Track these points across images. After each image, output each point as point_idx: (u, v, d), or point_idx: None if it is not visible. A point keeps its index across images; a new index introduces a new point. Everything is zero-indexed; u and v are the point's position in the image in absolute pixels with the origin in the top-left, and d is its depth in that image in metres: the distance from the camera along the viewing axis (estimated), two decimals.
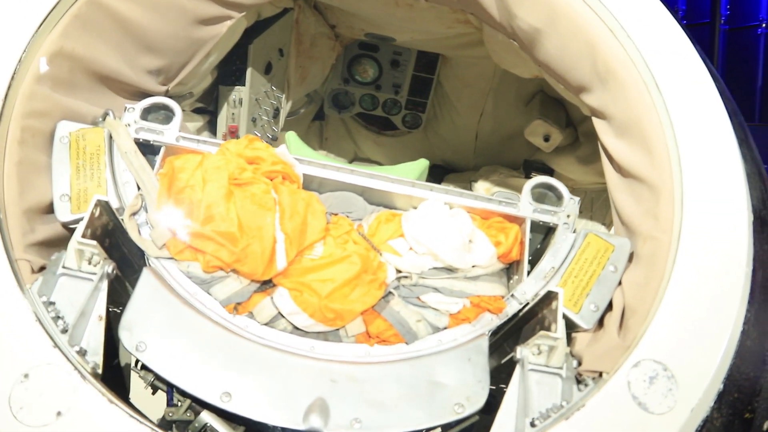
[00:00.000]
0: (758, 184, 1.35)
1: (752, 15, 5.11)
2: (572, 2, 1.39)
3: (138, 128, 1.32)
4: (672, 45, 1.34)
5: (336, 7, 2.28)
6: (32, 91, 1.18)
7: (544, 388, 1.11)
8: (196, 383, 1.05)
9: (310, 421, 1.03)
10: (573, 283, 1.24)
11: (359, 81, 2.92)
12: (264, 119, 2.31)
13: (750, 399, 1.15)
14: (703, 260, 1.14)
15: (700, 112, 1.28)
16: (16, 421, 0.90)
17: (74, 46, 1.28)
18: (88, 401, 0.93)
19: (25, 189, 1.13)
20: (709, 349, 1.08)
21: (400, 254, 1.24)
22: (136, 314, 1.10)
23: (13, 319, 0.97)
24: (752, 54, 5.05)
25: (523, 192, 1.38)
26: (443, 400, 1.09)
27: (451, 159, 3.14)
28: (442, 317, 1.20)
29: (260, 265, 1.14)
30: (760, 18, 5.05)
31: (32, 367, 0.94)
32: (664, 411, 1.02)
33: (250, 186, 1.22)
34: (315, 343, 1.15)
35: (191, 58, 1.63)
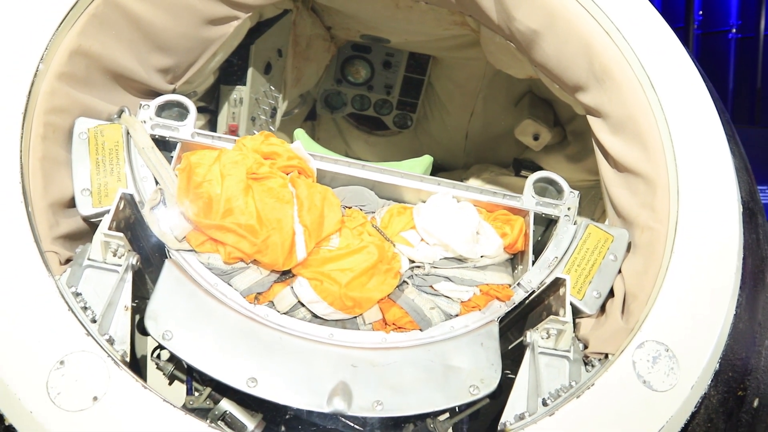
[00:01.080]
0: (745, 177, 1.43)
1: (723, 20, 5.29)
2: (569, 5, 1.46)
3: (153, 125, 1.35)
4: (665, 46, 1.42)
5: (333, 9, 2.33)
6: (53, 88, 1.21)
7: (552, 370, 1.17)
8: (222, 370, 1.08)
9: (334, 404, 1.07)
10: (576, 271, 1.30)
11: (351, 82, 2.97)
12: (263, 118, 2.34)
13: (743, 377, 1.22)
14: (699, 248, 1.21)
15: (693, 110, 1.36)
16: (54, 406, 0.93)
17: (91, 44, 1.31)
18: (123, 387, 0.96)
19: (49, 184, 1.15)
20: (707, 330, 1.15)
21: (412, 245, 1.29)
22: (160, 304, 1.13)
23: (46, 308, 0.99)
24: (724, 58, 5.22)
25: (525, 186, 1.44)
26: (459, 383, 1.14)
27: (441, 158, 3.19)
28: (454, 305, 1.26)
29: (281, 255, 1.18)
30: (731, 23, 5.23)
31: (67, 354, 0.96)
32: (667, 388, 1.08)
33: (268, 180, 1.26)
34: (334, 330, 1.20)
35: (199, 57, 1.66)
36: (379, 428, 1.24)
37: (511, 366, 1.23)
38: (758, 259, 1.34)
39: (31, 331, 0.97)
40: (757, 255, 1.34)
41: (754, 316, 1.28)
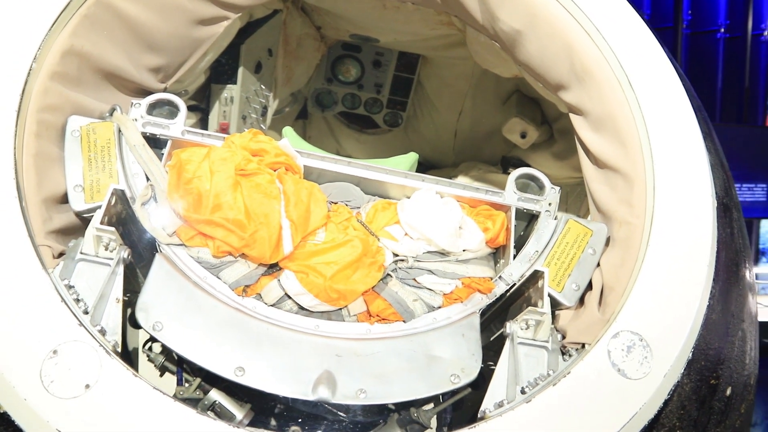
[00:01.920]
0: (720, 173, 1.48)
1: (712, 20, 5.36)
2: (551, 6, 1.50)
3: (144, 123, 1.38)
4: (643, 46, 1.46)
5: (323, 9, 2.36)
6: (46, 87, 1.24)
7: (531, 360, 1.22)
8: (211, 359, 1.12)
9: (318, 393, 1.11)
10: (556, 264, 1.34)
11: (342, 80, 3.01)
12: (253, 117, 2.38)
13: (715, 366, 1.27)
14: (673, 242, 1.26)
15: (669, 108, 1.40)
16: (47, 394, 0.97)
17: (83, 44, 1.34)
18: (114, 375, 0.99)
19: (42, 180, 1.19)
20: (680, 321, 1.19)
21: (396, 239, 1.33)
22: (151, 296, 1.17)
23: (40, 300, 1.02)
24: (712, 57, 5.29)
25: (507, 182, 1.48)
26: (440, 372, 1.18)
27: (430, 156, 3.24)
28: (436, 297, 1.30)
29: (268, 249, 1.22)
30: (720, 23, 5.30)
31: (60, 344, 1.00)
32: (641, 377, 1.13)
33: (256, 176, 1.29)
34: (320, 322, 1.24)
35: (189, 56, 1.69)
36: (365, 417, 1.28)
37: (494, 357, 1.27)
38: (732, 253, 1.39)
39: (25, 321, 1.01)
40: (731, 248, 1.38)
41: (727, 307, 1.32)
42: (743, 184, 5.41)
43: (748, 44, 5.25)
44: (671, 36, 5.19)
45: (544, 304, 1.22)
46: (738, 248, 1.42)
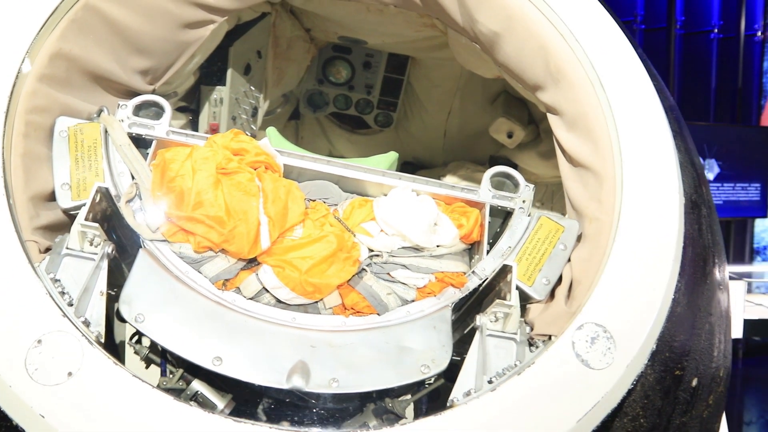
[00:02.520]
0: (691, 171, 1.52)
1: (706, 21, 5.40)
2: (527, 9, 1.54)
3: (131, 123, 1.43)
4: (614, 49, 1.50)
5: (311, 12, 2.41)
6: (34, 89, 1.29)
7: (500, 352, 1.26)
8: (190, 349, 1.17)
9: (292, 381, 1.16)
10: (527, 260, 1.39)
11: (333, 82, 3.06)
12: (243, 118, 2.43)
13: (680, 358, 1.31)
14: (639, 237, 1.30)
15: (639, 108, 1.44)
16: (32, 381, 1.01)
17: (71, 47, 1.39)
18: (95, 363, 1.04)
19: (30, 178, 1.24)
20: (643, 314, 1.23)
21: (372, 235, 1.37)
22: (134, 289, 1.22)
23: (26, 292, 1.08)
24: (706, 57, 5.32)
25: (482, 180, 1.52)
26: (411, 363, 1.23)
27: (421, 156, 3.29)
28: (410, 291, 1.34)
29: (246, 244, 1.27)
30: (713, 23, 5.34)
31: (44, 334, 1.05)
32: (603, 367, 1.17)
33: (236, 175, 1.34)
34: (296, 314, 1.28)
35: (177, 59, 1.74)
36: (341, 408, 1.33)
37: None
38: (700, 248, 1.43)
39: (11, 312, 1.06)
40: (699, 244, 1.43)
41: (693, 301, 1.37)
42: (737, 183, 5.45)
43: (741, 44, 5.30)
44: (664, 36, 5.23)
45: (512, 297, 1.26)
46: (706, 244, 1.46)
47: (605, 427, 1.16)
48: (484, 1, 1.58)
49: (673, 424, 1.30)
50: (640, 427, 1.22)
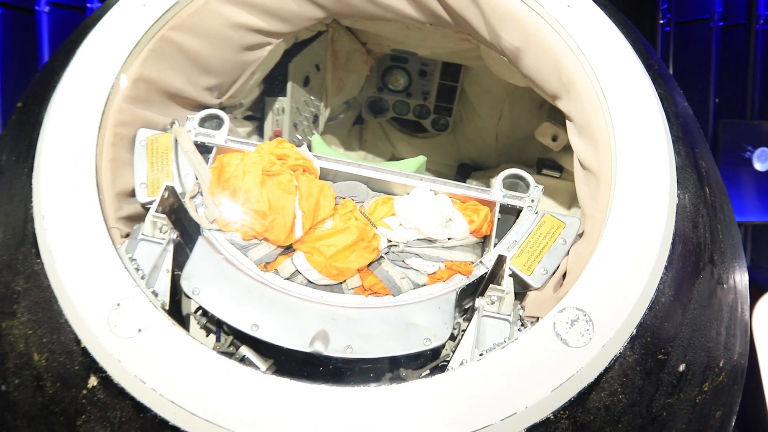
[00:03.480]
0: (692, 174, 1.63)
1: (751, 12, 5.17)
2: (542, 27, 1.71)
3: (196, 133, 1.73)
4: (617, 61, 1.64)
5: (363, 29, 2.66)
6: (120, 107, 1.61)
7: (495, 330, 1.45)
8: (233, 317, 1.44)
9: (314, 346, 1.40)
10: (528, 252, 1.57)
11: (392, 89, 3.29)
12: (305, 124, 2.71)
13: (664, 344, 1.44)
14: (625, 232, 1.44)
15: (636, 115, 1.58)
16: (112, 334, 1.31)
17: (150, 72, 1.70)
18: (158, 323, 1.33)
19: (115, 179, 1.55)
20: (623, 302, 1.38)
21: (391, 228, 1.60)
22: (192, 268, 1.51)
23: (109, 267, 1.38)
24: None
25: (495, 181, 1.71)
26: (415, 336, 1.44)
27: (476, 158, 3.46)
28: (421, 276, 1.56)
29: (283, 234, 1.53)
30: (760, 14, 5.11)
31: (122, 299, 1.35)
32: (580, 346, 1.33)
33: (278, 176, 1.61)
34: (324, 293, 1.53)
35: (239, 76, 2.04)
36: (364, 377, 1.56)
37: None
38: (692, 245, 1.54)
39: (98, 282, 1.36)
40: (692, 242, 1.54)
41: (682, 293, 1.49)
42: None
43: None
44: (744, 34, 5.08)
45: (504, 283, 1.45)
46: (701, 242, 1.57)
47: (582, 398, 1.32)
48: (506, 20, 1.76)
49: (657, 403, 1.43)
50: (618, 401, 1.37)
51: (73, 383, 1.36)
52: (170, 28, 1.73)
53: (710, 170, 1.76)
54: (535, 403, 1.27)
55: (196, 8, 1.76)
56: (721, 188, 1.82)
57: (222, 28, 1.84)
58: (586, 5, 1.72)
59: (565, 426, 1.31)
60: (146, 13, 1.68)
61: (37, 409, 1.43)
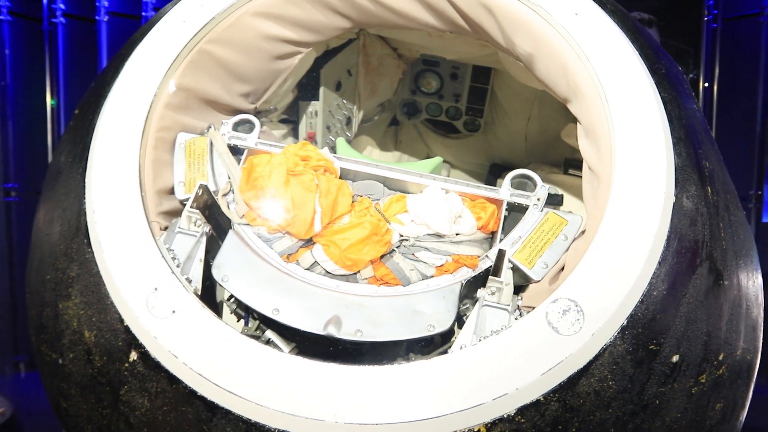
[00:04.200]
0: (693, 175, 1.69)
1: None
2: (550, 34, 1.81)
3: (230, 136, 1.91)
4: (619, 65, 1.73)
5: None
6: (162, 114, 1.80)
7: (495, 319, 1.56)
8: (257, 301, 1.60)
9: (327, 329, 1.55)
10: (530, 247, 1.67)
11: (424, 92, 3.42)
12: (338, 126, 2.87)
13: (656, 335, 1.52)
14: (619, 229, 1.53)
15: (635, 117, 1.66)
16: (150, 315, 1.49)
17: (189, 81, 1.88)
18: (189, 305, 1.50)
19: (156, 178, 1.74)
20: (614, 294, 1.46)
21: (403, 224, 1.73)
22: (223, 258, 1.68)
23: (148, 256, 1.56)
24: None
25: (504, 180, 1.81)
26: (420, 322, 1.57)
27: (508, 158, 3.55)
28: (429, 268, 1.68)
29: (303, 228, 1.68)
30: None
31: (159, 284, 1.53)
32: (570, 334, 1.43)
33: (301, 176, 1.76)
34: (340, 282, 1.68)
35: (272, 83, 2.20)
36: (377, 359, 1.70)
37: None
38: (689, 243, 1.61)
39: (139, 270, 1.55)
40: (689, 239, 1.61)
41: (675, 287, 1.56)
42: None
43: None
44: None
45: (503, 275, 1.56)
46: (699, 240, 1.63)
47: (571, 383, 1.42)
48: (518, 28, 1.87)
49: (649, 391, 1.51)
50: (608, 387, 1.46)
51: (117, 357, 1.56)
52: (207, 42, 1.91)
53: (715, 171, 1.81)
54: (526, 385, 1.39)
55: (230, 23, 1.93)
56: (727, 189, 1.87)
57: (255, 39, 2.01)
58: (593, 13, 1.81)
59: (555, 408, 1.42)
60: (186, 28, 1.87)
61: (87, 380, 1.63)
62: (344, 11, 2.08)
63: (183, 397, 1.47)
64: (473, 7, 1.91)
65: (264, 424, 1.41)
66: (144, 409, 1.53)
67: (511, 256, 1.64)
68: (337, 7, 2.06)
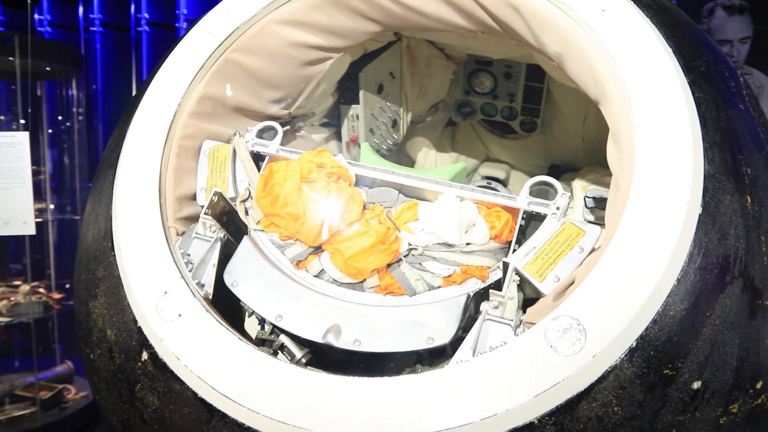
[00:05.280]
0: (727, 182, 1.54)
1: None
2: (576, 32, 1.72)
3: (253, 143, 1.95)
4: (647, 64, 1.60)
5: None
6: (186, 122, 1.87)
7: (497, 334, 1.50)
8: (262, 307, 1.63)
9: (327, 338, 1.55)
10: (542, 259, 1.59)
11: (478, 92, 3.33)
12: (383, 129, 2.86)
13: (671, 359, 1.40)
14: (635, 243, 1.42)
15: (661, 121, 1.53)
16: (158, 317, 1.56)
17: (215, 90, 1.94)
18: (195, 310, 1.55)
19: (178, 184, 1.81)
20: (622, 313, 1.36)
21: (413, 233, 1.70)
22: (235, 264, 1.72)
23: (160, 260, 1.63)
24: None
25: (523, 187, 1.74)
26: (420, 334, 1.54)
27: (567, 159, 3.39)
28: (436, 279, 1.64)
29: (311, 235, 1.69)
30: None
31: (169, 288, 1.59)
32: (570, 354, 1.34)
33: (315, 183, 1.77)
34: (347, 291, 1.67)
35: (304, 89, 2.23)
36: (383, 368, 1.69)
37: None
38: (718, 258, 1.47)
39: (151, 272, 1.62)
40: (715, 254, 1.46)
41: (697, 307, 1.43)
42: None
43: None
44: None
45: (506, 288, 1.49)
46: (730, 255, 1.48)
47: (570, 407, 1.34)
48: (546, 26, 1.78)
49: (663, 419, 1.40)
50: (613, 413, 1.36)
51: (132, 356, 1.64)
52: (233, 51, 1.96)
53: (760, 179, 1.64)
54: (517, 407, 1.32)
55: (255, 32, 1.98)
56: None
57: (281, 47, 2.04)
58: (621, 8, 1.69)
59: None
60: (211, 39, 1.93)
61: (111, 376, 1.73)
62: (371, 15, 2.06)
63: (185, 398, 1.53)
64: (500, 6, 1.84)
65: (257, 429, 1.43)
66: (155, 407, 1.60)
67: (521, 268, 1.57)
68: (365, 12, 2.05)
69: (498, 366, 1.36)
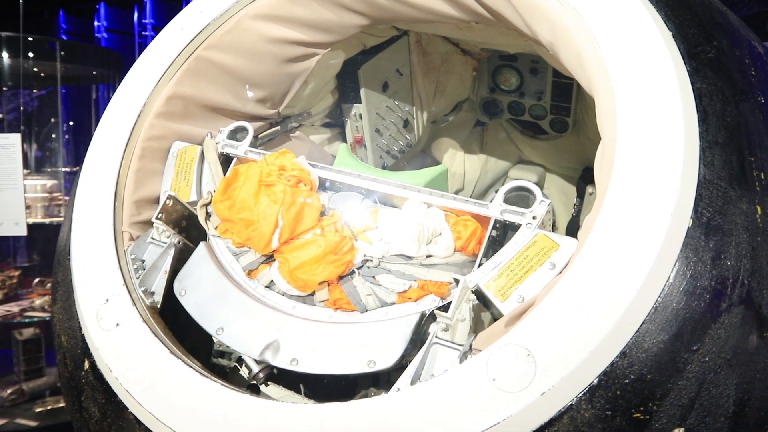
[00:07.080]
0: (726, 190, 1.29)
1: None
2: (564, 18, 1.53)
3: (223, 144, 1.86)
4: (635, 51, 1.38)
5: None
6: (152, 123, 1.80)
7: (446, 360, 1.32)
8: (204, 318, 1.53)
9: (263, 355, 1.43)
10: (507, 275, 1.39)
11: (504, 89, 3.11)
12: (392, 128, 2.71)
13: (643, 400, 1.18)
14: (603, 263, 1.21)
15: (648, 120, 1.31)
16: (97, 326, 1.50)
17: (185, 89, 1.86)
18: (133, 320, 1.48)
19: (138, 187, 1.74)
20: (580, 345, 1.16)
21: (371, 242, 1.55)
22: (186, 271, 1.63)
23: (106, 266, 1.57)
24: None
25: (498, 193, 1.54)
26: (362, 356, 1.38)
27: None
28: (390, 294, 1.48)
29: (261, 242, 1.58)
30: None
31: (110, 295, 1.52)
32: (515, 390, 1.15)
33: (273, 186, 1.66)
34: (296, 304, 1.54)
35: (290, 87, 2.12)
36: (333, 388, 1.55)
37: None
38: (708, 281, 1.23)
39: (96, 278, 1.56)
40: (707, 276, 1.23)
41: (679, 338, 1.20)
42: None
43: None
44: None
45: (452, 310, 1.31)
46: (726, 277, 1.24)
47: None
48: (535, 13, 1.60)
49: None
50: None
51: (78, 364, 1.58)
52: (205, 48, 1.88)
53: None
54: None
55: (228, 28, 1.88)
56: None
57: (259, 43, 1.94)
58: None
59: None
60: (182, 36, 1.86)
61: (65, 382, 1.68)
62: (355, 7, 1.93)
63: (116, 411, 1.45)
64: None
65: None
66: (96, 419, 1.54)
67: (482, 285, 1.38)
68: (347, 4, 1.92)
69: (434, 398, 1.19)
